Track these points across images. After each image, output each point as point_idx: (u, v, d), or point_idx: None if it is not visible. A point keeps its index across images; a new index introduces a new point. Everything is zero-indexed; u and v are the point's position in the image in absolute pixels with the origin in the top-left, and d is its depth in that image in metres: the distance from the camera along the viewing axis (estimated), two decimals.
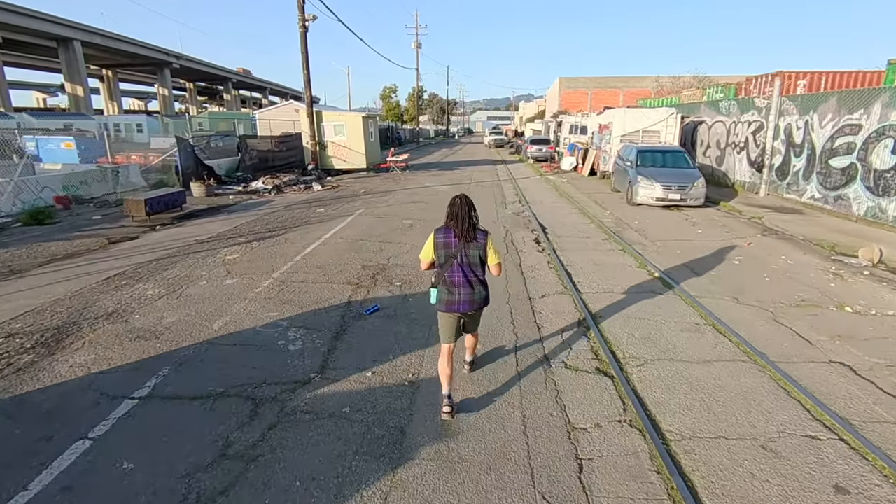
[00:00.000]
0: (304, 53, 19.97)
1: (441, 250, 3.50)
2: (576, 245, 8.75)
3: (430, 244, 3.54)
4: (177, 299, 5.95)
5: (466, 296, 3.50)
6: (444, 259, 3.51)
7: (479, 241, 3.48)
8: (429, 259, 3.59)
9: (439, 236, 3.51)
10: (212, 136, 20.36)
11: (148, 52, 58.41)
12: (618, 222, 10.84)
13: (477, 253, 3.49)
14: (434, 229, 3.59)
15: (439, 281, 3.55)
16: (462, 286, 3.48)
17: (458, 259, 3.47)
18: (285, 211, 12.39)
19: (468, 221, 3.44)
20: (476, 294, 3.53)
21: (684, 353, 4.64)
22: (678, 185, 12.22)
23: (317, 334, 4.94)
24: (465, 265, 3.48)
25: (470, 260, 3.48)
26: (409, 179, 19.39)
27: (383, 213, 11.88)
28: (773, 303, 5.94)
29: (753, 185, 14.64)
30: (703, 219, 11.24)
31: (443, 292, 3.53)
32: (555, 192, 15.93)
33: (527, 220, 11.11)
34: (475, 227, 3.48)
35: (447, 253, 3.49)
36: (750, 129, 14.82)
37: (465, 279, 3.48)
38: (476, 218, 3.51)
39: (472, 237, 3.44)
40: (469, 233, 3.43)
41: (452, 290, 3.49)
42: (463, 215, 3.43)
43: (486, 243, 3.50)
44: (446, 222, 3.52)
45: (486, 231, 3.56)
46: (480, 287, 3.56)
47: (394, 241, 8.99)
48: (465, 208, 3.45)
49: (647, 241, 9.02)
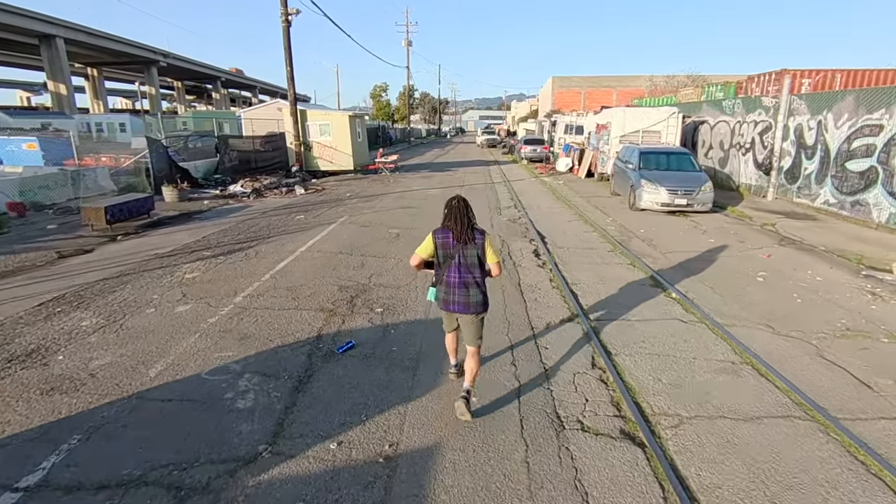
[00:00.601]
0: (287, 49, 18.96)
1: (440, 251, 3.54)
2: (579, 258, 7.90)
3: (429, 244, 3.56)
4: (115, 333, 5.00)
5: (461, 297, 3.50)
6: (442, 259, 3.55)
7: (476, 242, 3.46)
8: (423, 256, 3.60)
9: (438, 237, 3.53)
10: (189, 136, 19.32)
11: (134, 50, 56.92)
12: (622, 230, 10.01)
13: (475, 253, 3.48)
14: (432, 230, 3.58)
15: (439, 280, 3.59)
16: (457, 287, 3.50)
17: (456, 260, 3.48)
18: (262, 218, 11.42)
19: (466, 222, 3.44)
20: (471, 297, 3.50)
21: (725, 405, 3.79)
22: (684, 190, 11.42)
23: (275, 383, 4.03)
24: (463, 266, 3.48)
25: (468, 261, 3.48)
26: (399, 182, 18.47)
27: (368, 220, 10.96)
28: (813, 332, 5.12)
29: (760, 189, 13.91)
30: (712, 226, 10.45)
31: (440, 291, 3.59)
32: (551, 195, 15.09)
33: (524, 229, 10.25)
34: (472, 227, 3.47)
35: (445, 254, 3.52)
36: (756, 130, 14.08)
37: (461, 280, 3.49)
38: (473, 218, 3.52)
39: (469, 238, 3.44)
40: (467, 234, 3.43)
41: (448, 290, 3.54)
42: (460, 216, 3.44)
43: (483, 243, 3.48)
44: (444, 223, 3.52)
45: (483, 231, 3.54)
46: (476, 290, 3.52)
47: (378, 254, 8.08)
48: (463, 209, 3.45)
49: (657, 254, 8.19)
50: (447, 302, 3.56)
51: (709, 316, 5.49)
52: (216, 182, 16.79)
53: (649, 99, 29.46)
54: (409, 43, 52.26)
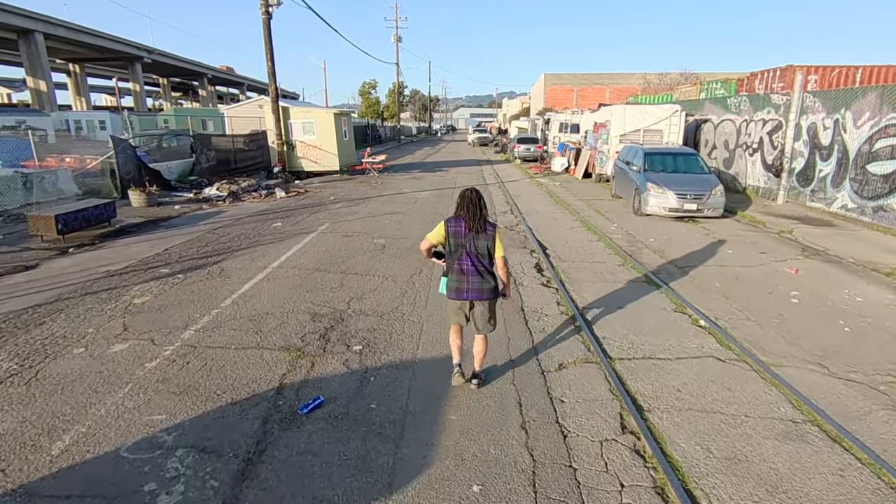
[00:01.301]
0: (268, 42, 17.88)
1: (451, 239, 3.63)
2: (587, 274, 7.02)
3: (441, 230, 3.64)
4: (25, 385, 4.02)
5: (475, 283, 3.61)
6: (454, 248, 3.64)
7: (488, 233, 3.58)
8: (433, 241, 3.67)
9: (450, 225, 3.63)
10: (164, 135, 18.16)
11: (116, 46, 55.07)
12: (629, 239, 9.16)
13: (486, 244, 3.60)
14: (444, 219, 3.68)
15: (450, 269, 3.66)
16: (472, 274, 3.61)
17: (468, 248, 3.59)
18: (235, 226, 10.41)
19: (479, 213, 3.55)
20: (485, 283, 3.63)
21: (800, 491, 2.92)
22: (694, 194, 10.60)
23: (214, 465, 3.08)
24: (474, 255, 3.60)
25: (478, 250, 3.60)
26: (387, 183, 17.49)
27: (352, 228, 10.00)
28: (876, 374, 4.28)
29: (769, 191, 13.16)
30: (726, 234, 9.63)
31: (452, 280, 3.65)
32: (549, 198, 14.23)
33: (522, 238, 9.36)
34: (485, 219, 3.59)
35: (457, 242, 3.61)
36: (765, 129, 13.31)
37: (475, 268, 3.60)
38: (486, 209, 3.62)
39: (481, 228, 3.56)
40: (479, 224, 3.55)
41: (461, 277, 3.62)
42: (473, 207, 3.55)
43: (494, 234, 3.60)
44: (457, 212, 3.63)
45: (494, 224, 3.65)
46: (489, 277, 3.66)
47: (360, 270, 7.13)
48: (476, 200, 3.57)
49: (673, 268, 7.34)
50: (460, 290, 3.62)
51: (750, 353, 4.63)
52: (191, 184, 15.70)
53: (646, 96, 28.73)
54: (398, 39, 51.11)
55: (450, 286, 3.65)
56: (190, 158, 16.57)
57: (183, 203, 13.30)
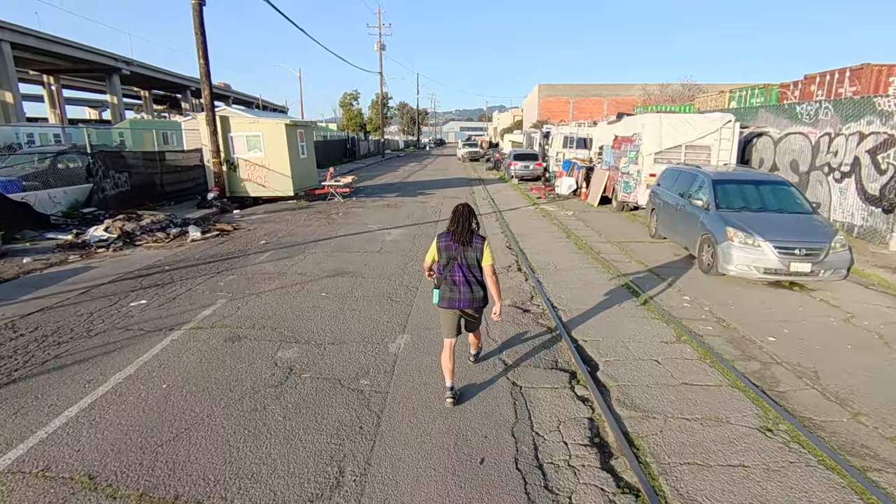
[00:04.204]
0: (200, 35, 14.01)
1: (443, 253, 3.84)
2: (689, 442, 3.09)
3: (434, 248, 3.89)
4: None
5: (466, 294, 3.80)
6: (445, 261, 3.84)
7: (475, 246, 3.80)
8: (430, 261, 3.94)
9: (441, 241, 3.86)
10: (59, 152, 14.02)
11: (92, 57, 51.04)
12: (730, 336, 5.30)
13: (474, 256, 3.81)
14: (437, 234, 3.95)
15: (441, 282, 3.85)
16: (462, 284, 3.80)
17: (458, 261, 3.80)
18: (74, 305, 6.36)
19: (467, 228, 3.78)
20: (475, 293, 3.82)
21: None
22: (807, 248, 6.80)
23: None
24: (464, 267, 3.81)
25: (468, 262, 3.81)
26: (350, 214, 13.56)
27: (254, 315, 5.97)
28: None
29: (873, 232, 9.46)
30: (877, 319, 5.84)
31: (445, 291, 3.83)
32: (566, 239, 10.38)
33: (543, 332, 5.44)
34: (473, 233, 3.81)
35: (448, 255, 3.83)
36: (864, 146, 9.65)
37: (465, 279, 3.80)
38: (477, 225, 3.87)
39: (468, 241, 3.78)
40: (466, 237, 3.78)
41: (454, 288, 3.81)
42: (463, 220, 3.79)
43: (482, 247, 3.81)
44: (448, 228, 3.86)
45: (483, 237, 3.86)
46: (479, 287, 3.86)
47: (200, 473, 3.15)
48: (467, 216, 3.80)
49: (862, 429, 3.45)
50: (453, 300, 3.80)
51: None
52: (82, 219, 11.62)
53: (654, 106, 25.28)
54: (381, 47, 47.59)
55: (442, 296, 3.84)
56: (87, 185, 12.48)
57: (46, 251, 9.23)
